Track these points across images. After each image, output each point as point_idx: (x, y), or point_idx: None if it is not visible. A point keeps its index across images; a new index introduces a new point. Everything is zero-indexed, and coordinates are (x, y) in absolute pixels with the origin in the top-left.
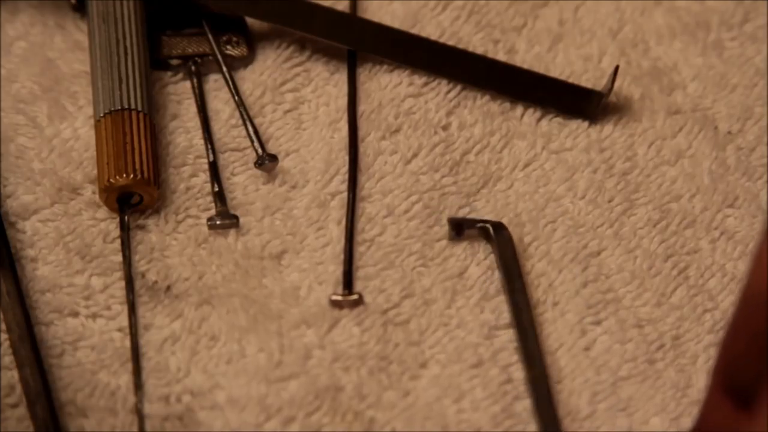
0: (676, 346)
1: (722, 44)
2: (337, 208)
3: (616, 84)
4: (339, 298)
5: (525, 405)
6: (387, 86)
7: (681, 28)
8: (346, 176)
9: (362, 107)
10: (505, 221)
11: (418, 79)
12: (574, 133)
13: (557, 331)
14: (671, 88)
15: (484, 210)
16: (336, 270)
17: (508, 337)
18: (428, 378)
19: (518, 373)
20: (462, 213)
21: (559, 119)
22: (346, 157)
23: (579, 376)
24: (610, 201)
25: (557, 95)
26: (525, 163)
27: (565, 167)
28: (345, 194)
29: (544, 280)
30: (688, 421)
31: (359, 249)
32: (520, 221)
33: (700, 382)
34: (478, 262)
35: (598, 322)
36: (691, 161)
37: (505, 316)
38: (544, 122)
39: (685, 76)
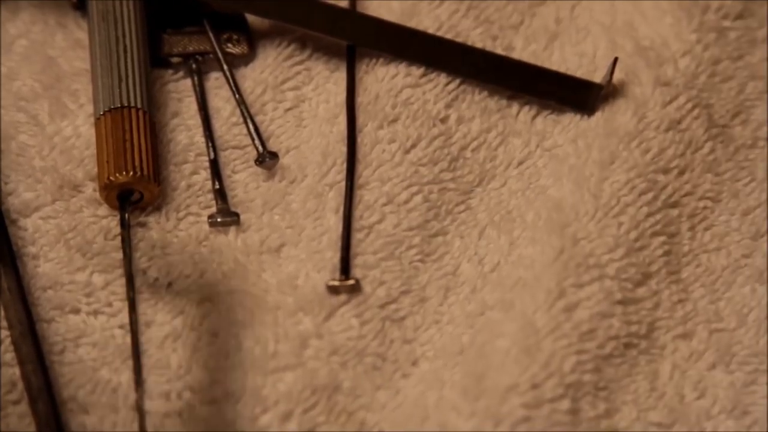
0: (650, 332)
1: (720, 28)
2: (335, 198)
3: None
4: (336, 283)
5: (496, 372)
6: (384, 77)
7: (676, 5)
8: (344, 167)
9: (360, 98)
10: (496, 219)
11: (416, 70)
12: (567, 128)
13: (533, 296)
14: (660, 62)
15: (478, 208)
16: (334, 257)
17: (486, 319)
18: (417, 375)
19: (491, 346)
20: (458, 210)
21: (553, 116)
22: (343, 149)
23: (562, 338)
24: (591, 175)
25: (557, 88)
26: (519, 161)
27: (556, 162)
28: (342, 184)
29: (526, 261)
30: (655, 416)
31: (357, 236)
32: (510, 218)
33: (665, 375)
34: (469, 258)
35: (579, 286)
36: (682, 136)
37: (493, 302)
38: (539, 120)
39: (675, 50)
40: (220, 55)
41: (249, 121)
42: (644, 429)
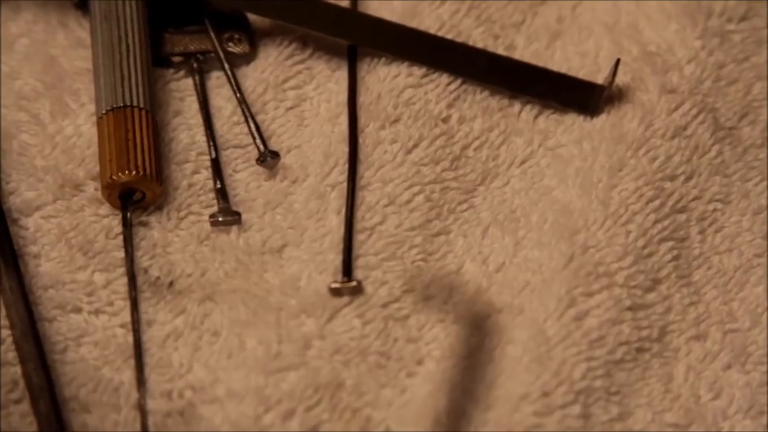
0: (662, 336)
1: (723, 33)
2: (337, 199)
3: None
4: (338, 285)
5: (507, 380)
6: (386, 78)
7: (681, 9)
8: (345, 167)
9: (361, 99)
10: (500, 218)
11: (417, 71)
12: (570, 128)
13: (544, 304)
14: (665, 69)
15: (481, 207)
16: (336, 259)
17: (494, 323)
18: (423, 375)
19: (501, 352)
20: (461, 209)
21: (555, 116)
22: (345, 149)
23: (572, 347)
24: (599, 182)
25: (559, 89)
26: (522, 160)
27: (559, 161)
28: (344, 185)
29: (533, 264)
30: (670, 418)
31: (359, 237)
32: (514, 217)
33: (680, 376)
34: (473, 257)
35: (589, 294)
36: (688, 141)
37: (500, 305)
38: (541, 119)
39: (680, 57)
40: (221, 54)
41: (250, 120)
42: (660, 430)
